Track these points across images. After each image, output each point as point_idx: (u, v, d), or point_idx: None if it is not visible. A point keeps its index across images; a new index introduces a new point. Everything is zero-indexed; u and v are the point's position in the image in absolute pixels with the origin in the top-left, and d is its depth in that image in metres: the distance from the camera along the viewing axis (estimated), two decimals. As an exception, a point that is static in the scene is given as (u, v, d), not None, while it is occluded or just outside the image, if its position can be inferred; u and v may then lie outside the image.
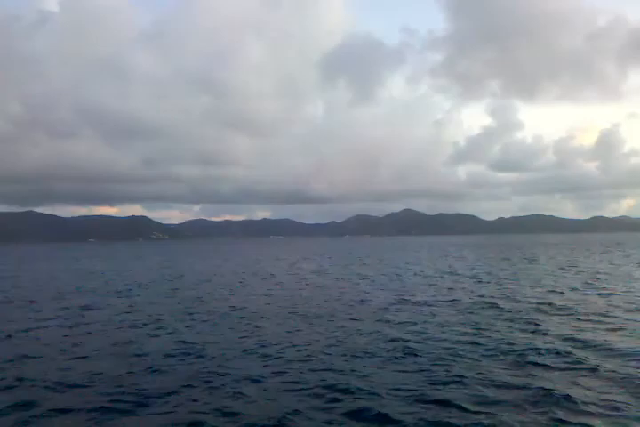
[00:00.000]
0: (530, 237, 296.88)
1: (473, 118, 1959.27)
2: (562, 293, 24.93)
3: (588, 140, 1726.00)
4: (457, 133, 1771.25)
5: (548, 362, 11.90)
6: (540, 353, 12.70)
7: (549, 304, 20.74)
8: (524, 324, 16.79)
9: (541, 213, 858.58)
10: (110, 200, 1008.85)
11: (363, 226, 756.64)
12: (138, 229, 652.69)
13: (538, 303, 21.14)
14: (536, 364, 11.77)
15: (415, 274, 37.70)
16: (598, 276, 33.96)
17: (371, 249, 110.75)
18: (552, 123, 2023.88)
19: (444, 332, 15.73)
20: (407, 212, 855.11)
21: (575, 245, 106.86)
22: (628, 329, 15.45)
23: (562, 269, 41.19)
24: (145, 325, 18.05)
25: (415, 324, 17.05)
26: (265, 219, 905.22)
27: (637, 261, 47.94)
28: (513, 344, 13.70)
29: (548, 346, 13.40)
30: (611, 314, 18.21)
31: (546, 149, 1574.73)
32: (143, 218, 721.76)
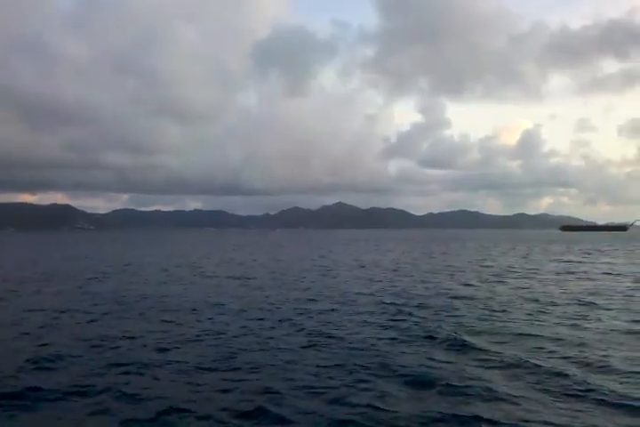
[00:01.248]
0: (456, 231, 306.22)
1: (403, 114, 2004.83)
2: (466, 285, 24.66)
3: (511, 139, 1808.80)
4: (388, 129, 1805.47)
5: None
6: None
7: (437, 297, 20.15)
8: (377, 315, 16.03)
9: (467, 209, 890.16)
10: (30, 187, 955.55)
11: (297, 219, 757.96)
12: (61, 218, 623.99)
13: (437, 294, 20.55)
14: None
15: (319, 266, 36.74)
16: (507, 269, 34.44)
17: (293, 242, 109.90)
18: (478, 121, 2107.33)
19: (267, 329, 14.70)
20: (340, 205, 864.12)
21: (495, 240, 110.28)
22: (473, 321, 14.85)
23: (473, 262, 41.50)
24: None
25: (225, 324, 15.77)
26: (197, 210, 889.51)
27: (552, 258, 49.13)
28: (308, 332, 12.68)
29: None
30: (505, 307, 17.73)
31: (472, 147, 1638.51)
32: (66, 206, 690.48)
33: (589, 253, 55.75)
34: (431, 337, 13.48)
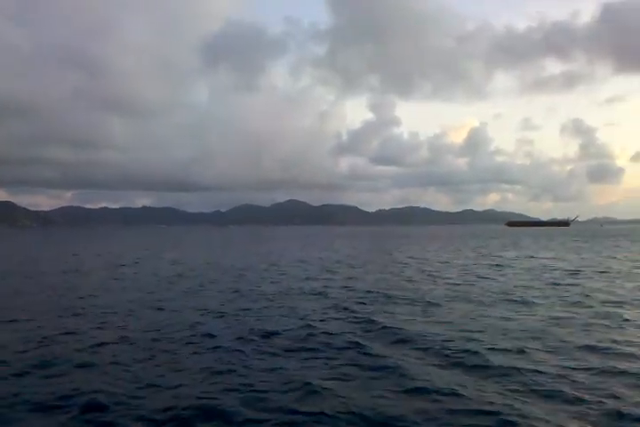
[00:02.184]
0: (405, 228, 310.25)
1: (354, 112, 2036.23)
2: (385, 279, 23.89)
3: (459, 137, 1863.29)
4: (339, 126, 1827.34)
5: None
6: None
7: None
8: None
9: (417, 205, 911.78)
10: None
11: (248, 215, 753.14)
12: (1, 215, 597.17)
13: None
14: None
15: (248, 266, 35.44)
16: (438, 265, 34.09)
17: (234, 240, 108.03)
18: (426, 120, 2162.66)
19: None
20: (292, 202, 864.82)
21: (441, 236, 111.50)
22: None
23: (412, 258, 41.14)
24: None
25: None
26: (145, 207, 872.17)
27: (487, 253, 49.39)
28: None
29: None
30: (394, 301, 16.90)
31: (421, 145, 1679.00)
32: (7, 203, 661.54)
33: (528, 248, 56.57)
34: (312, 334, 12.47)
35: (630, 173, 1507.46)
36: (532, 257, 41.80)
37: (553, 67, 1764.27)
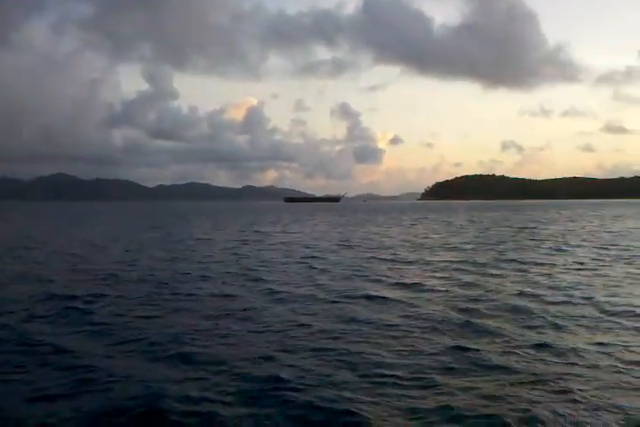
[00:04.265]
0: (187, 203, 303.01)
1: (128, 81, 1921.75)
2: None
3: (238, 115, 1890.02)
4: (112, 96, 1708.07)
5: None
6: None
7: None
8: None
9: (198, 181, 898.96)
10: None
11: (6, 190, 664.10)
12: None
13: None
14: None
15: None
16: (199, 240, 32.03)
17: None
18: (206, 95, 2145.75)
19: None
20: (60, 176, 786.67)
21: (221, 212, 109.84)
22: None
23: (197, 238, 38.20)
24: None
25: None
26: None
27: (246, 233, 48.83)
28: None
29: None
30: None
31: (201, 120, 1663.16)
32: None
33: (296, 222, 57.77)
34: None
35: (389, 155, 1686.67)
36: (293, 232, 42.30)
37: (322, 53, 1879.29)
